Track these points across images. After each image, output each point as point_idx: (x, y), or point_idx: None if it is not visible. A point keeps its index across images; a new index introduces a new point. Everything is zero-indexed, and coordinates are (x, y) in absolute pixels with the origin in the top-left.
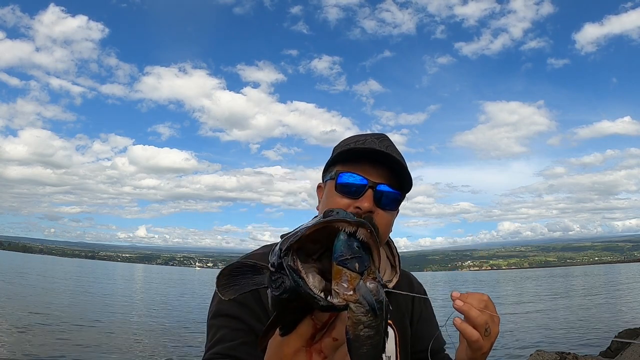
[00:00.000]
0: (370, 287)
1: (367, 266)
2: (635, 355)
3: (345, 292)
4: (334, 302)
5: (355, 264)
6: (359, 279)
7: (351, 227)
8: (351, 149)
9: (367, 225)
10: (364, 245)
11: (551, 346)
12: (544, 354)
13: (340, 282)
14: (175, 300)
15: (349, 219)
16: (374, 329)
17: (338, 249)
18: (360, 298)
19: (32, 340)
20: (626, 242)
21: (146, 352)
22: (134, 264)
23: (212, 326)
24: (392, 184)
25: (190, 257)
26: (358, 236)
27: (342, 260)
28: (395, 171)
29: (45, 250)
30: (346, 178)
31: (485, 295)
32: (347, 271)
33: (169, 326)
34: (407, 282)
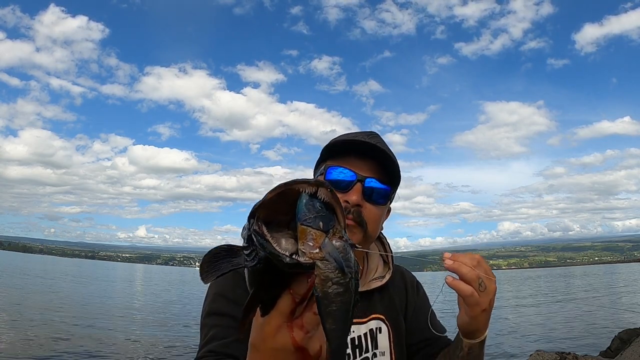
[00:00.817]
0: (336, 244)
1: (332, 225)
2: (635, 355)
3: (311, 251)
4: (300, 260)
5: (319, 222)
6: (324, 237)
7: (311, 188)
8: (339, 141)
9: (327, 185)
10: (327, 206)
11: (551, 346)
12: (544, 354)
13: (306, 242)
14: (175, 300)
15: (308, 180)
16: (342, 286)
17: (301, 209)
18: (327, 255)
19: (31, 340)
20: (626, 242)
21: (146, 352)
22: (134, 264)
23: (205, 325)
24: (381, 179)
25: (190, 257)
26: (319, 196)
27: (305, 220)
28: (384, 166)
29: (45, 250)
30: (334, 172)
31: (477, 254)
32: (311, 230)
33: (168, 326)
34: (398, 275)
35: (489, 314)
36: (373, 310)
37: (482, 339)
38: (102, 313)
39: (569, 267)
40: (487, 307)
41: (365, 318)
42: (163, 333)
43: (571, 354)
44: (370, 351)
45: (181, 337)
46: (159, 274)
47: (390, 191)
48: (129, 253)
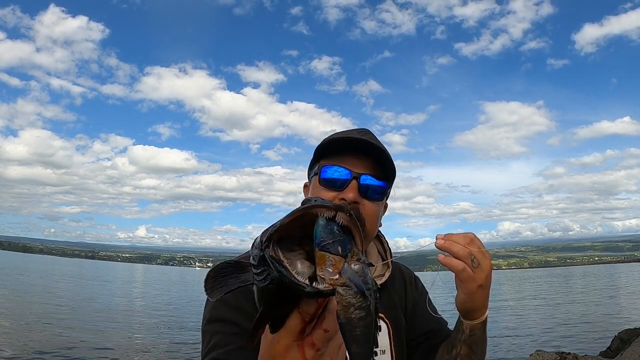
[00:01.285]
0: (355, 268)
1: (350, 248)
2: (635, 355)
3: (331, 277)
4: (320, 288)
5: (337, 247)
6: (343, 262)
7: (329, 212)
8: (332, 140)
9: (346, 209)
10: (345, 229)
11: (551, 346)
12: (544, 354)
13: (325, 267)
14: (175, 300)
15: (326, 204)
16: (364, 310)
17: (318, 234)
18: (347, 281)
19: (31, 340)
20: (626, 242)
21: (145, 352)
22: (134, 264)
23: (206, 332)
24: (376, 175)
25: (190, 257)
26: (337, 220)
27: (323, 245)
28: (379, 162)
29: (45, 250)
30: (329, 171)
31: (470, 233)
32: (330, 255)
33: (168, 327)
34: (398, 273)
35: (486, 292)
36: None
37: (482, 319)
38: (102, 313)
39: (569, 267)
40: (483, 283)
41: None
42: (163, 333)
43: (571, 354)
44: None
45: (181, 338)
46: (159, 274)
47: (386, 187)
48: (129, 253)
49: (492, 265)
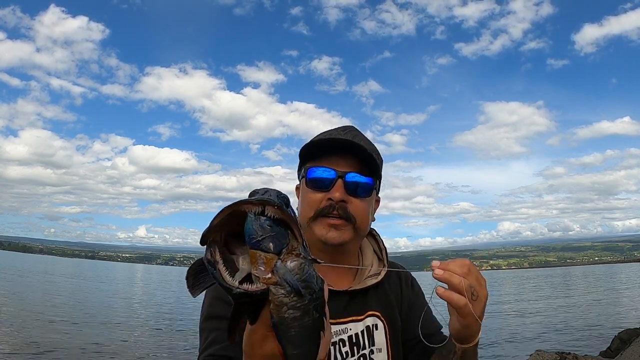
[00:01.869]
0: (291, 265)
1: (286, 243)
2: (635, 355)
3: (264, 276)
4: (249, 289)
5: (268, 243)
6: (276, 259)
7: (256, 208)
8: (314, 142)
9: (273, 202)
10: (280, 223)
11: (551, 346)
12: (544, 354)
13: (258, 266)
14: (174, 300)
15: (252, 199)
16: (300, 310)
17: (248, 231)
18: (279, 279)
19: (31, 340)
20: (626, 242)
21: (145, 352)
22: (134, 264)
23: (204, 329)
24: (362, 172)
25: (190, 257)
26: (267, 214)
27: (254, 243)
28: (364, 159)
29: (45, 250)
30: (315, 172)
31: (466, 259)
32: (261, 253)
33: (167, 327)
34: (394, 272)
35: (481, 319)
36: (369, 307)
37: (475, 342)
38: (102, 313)
39: (569, 267)
40: (480, 314)
41: (361, 315)
42: (162, 333)
43: (571, 354)
44: (367, 348)
45: (180, 338)
46: (159, 274)
47: (373, 183)
48: (129, 253)
49: (487, 295)
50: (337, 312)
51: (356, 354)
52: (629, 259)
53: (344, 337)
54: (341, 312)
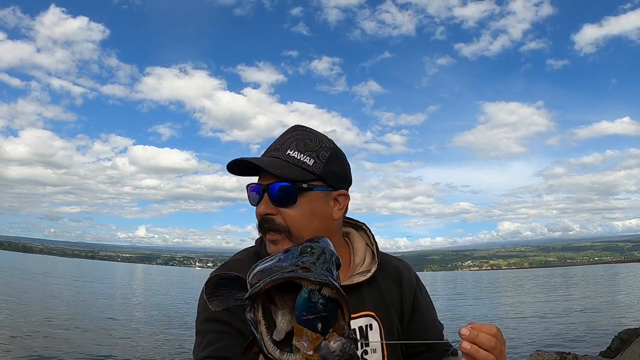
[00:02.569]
0: (334, 346)
1: (333, 324)
2: (635, 355)
3: (306, 352)
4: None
5: (317, 324)
6: (321, 339)
7: (313, 286)
8: (230, 166)
9: (331, 285)
10: (332, 302)
11: (551, 346)
12: (544, 354)
13: (301, 341)
14: (174, 300)
15: (311, 279)
16: None
17: (299, 306)
18: (319, 359)
19: (31, 341)
20: (626, 242)
21: (145, 352)
22: (134, 264)
23: (200, 331)
24: (279, 180)
25: (190, 257)
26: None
27: (303, 320)
28: (283, 167)
29: (45, 250)
30: (248, 191)
31: (493, 327)
32: (308, 331)
33: (167, 327)
34: (394, 270)
35: None
36: (363, 307)
37: None
38: (102, 313)
39: (569, 267)
40: None
41: (355, 314)
42: (162, 333)
43: (571, 354)
44: (360, 348)
45: (180, 338)
46: (159, 274)
47: (294, 187)
48: (129, 253)
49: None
50: None
51: None
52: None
53: None
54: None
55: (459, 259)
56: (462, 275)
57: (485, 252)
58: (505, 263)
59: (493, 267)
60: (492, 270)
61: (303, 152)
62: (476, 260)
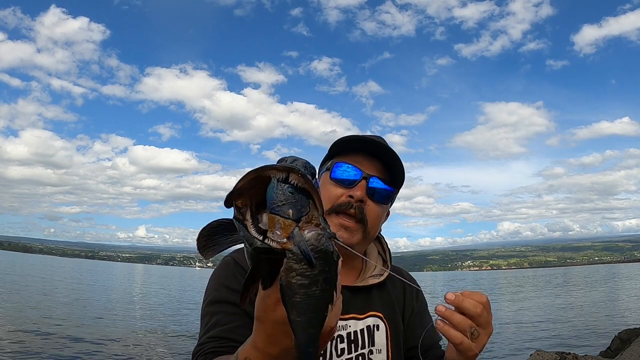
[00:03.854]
0: (308, 235)
1: (305, 212)
2: (635, 355)
3: (280, 240)
4: (272, 245)
5: (288, 210)
6: (295, 225)
7: (280, 173)
8: (348, 138)
9: (297, 170)
10: (302, 192)
11: (551, 346)
12: (544, 354)
13: (275, 230)
14: (175, 300)
15: (276, 165)
16: (308, 279)
17: (269, 196)
18: (293, 246)
19: (30, 341)
20: (626, 242)
21: (145, 352)
22: (134, 264)
23: (206, 313)
24: (385, 179)
25: (190, 257)
26: (291, 182)
27: (273, 208)
28: (389, 167)
29: (45, 250)
30: (341, 168)
31: (484, 296)
32: (279, 218)
33: (167, 327)
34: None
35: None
36: (371, 308)
37: None
38: (102, 313)
39: (569, 267)
40: (481, 349)
41: (362, 314)
42: (162, 333)
43: (571, 354)
44: (367, 347)
45: (180, 339)
46: (159, 274)
47: (393, 192)
48: (128, 253)
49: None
50: None
51: (353, 352)
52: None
53: (343, 333)
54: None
55: (459, 259)
56: (462, 275)
57: (485, 252)
58: (505, 263)
59: (493, 267)
60: (492, 270)
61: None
62: (476, 260)
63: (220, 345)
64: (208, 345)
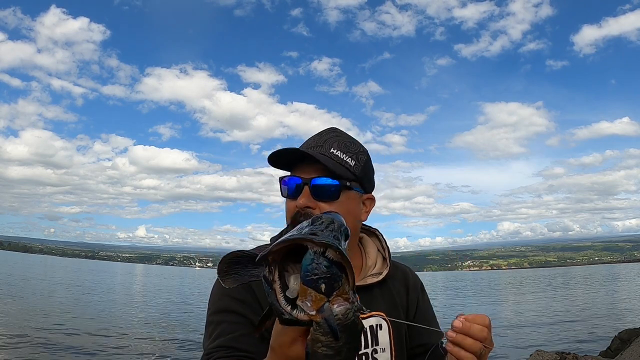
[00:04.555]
0: (337, 310)
1: (337, 287)
2: (635, 355)
3: (309, 312)
4: (298, 317)
5: (321, 285)
6: (325, 300)
7: (318, 248)
8: (273, 154)
9: (335, 247)
10: (337, 265)
11: (551, 346)
12: (544, 354)
13: (305, 301)
14: (174, 300)
15: (315, 239)
16: (333, 350)
17: (304, 267)
18: (322, 320)
19: (31, 341)
20: (626, 242)
21: (145, 352)
22: (134, 264)
23: (211, 322)
24: (327, 175)
25: (190, 257)
26: (327, 256)
27: (307, 280)
28: (331, 165)
29: (45, 250)
30: (285, 182)
31: (486, 319)
32: (312, 291)
33: (168, 327)
34: (401, 275)
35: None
36: (373, 307)
37: None
38: (101, 313)
39: (569, 267)
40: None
41: (365, 314)
42: (162, 333)
43: (571, 354)
44: (370, 347)
45: (180, 338)
46: (159, 274)
47: (339, 184)
48: (128, 253)
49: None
50: None
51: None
52: (629, 259)
53: None
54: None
55: (459, 259)
56: (462, 275)
57: (485, 252)
58: (505, 263)
59: (493, 267)
60: (492, 270)
61: (345, 152)
62: (476, 260)
63: (226, 355)
64: (214, 355)
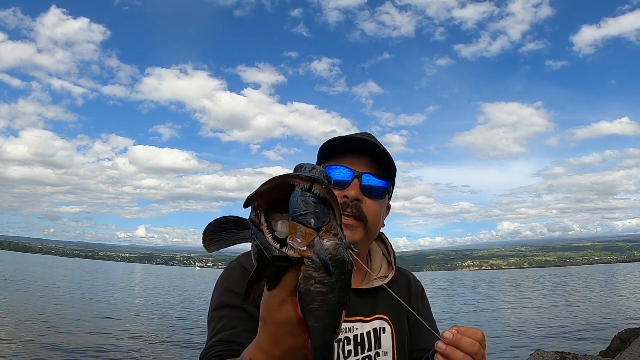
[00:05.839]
0: (327, 244)
1: (326, 222)
2: (635, 355)
3: (300, 248)
4: (289, 254)
5: (310, 219)
6: (315, 235)
7: (305, 183)
8: (334, 141)
9: (322, 181)
10: (324, 202)
11: (551, 346)
12: (544, 354)
13: (295, 238)
14: (175, 300)
15: (301, 175)
16: (326, 287)
17: (293, 204)
18: (313, 255)
19: (30, 341)
20: (626, 242)
21: (146, 352)
22: (134, 264)
23: (214, 318)
24: (377, 174)
25: (190, 257)
26: (314, 191)
27: (296, 216)
28: (381, 163)
29: (45, 250)
30: (333, 172)
31: (479, 333)
32: (301, 227)
33: (168, 327)
34: (404, 279)
35: None
36: (377, 310)
37: None
38: (101, 312)
39: (569, 267)
40: None
41: (369, 317)
42: (162, 334)
43: (571, 354)
44: (374, 350)
45: (181, 338)
46: (159, 274)
47: (388, 186)
48: (128, 253)
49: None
50: None
51: (360, 354)
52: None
53: (350, 335)
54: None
55: (459, 259)
56: (462, 275)
57: (485, 252)
58: (505, 263)
59: (493, 267)
60: (492, 270)
61: (389, 156)
62: (476, 260)
63: (227, 349)
64: (215, 349)
